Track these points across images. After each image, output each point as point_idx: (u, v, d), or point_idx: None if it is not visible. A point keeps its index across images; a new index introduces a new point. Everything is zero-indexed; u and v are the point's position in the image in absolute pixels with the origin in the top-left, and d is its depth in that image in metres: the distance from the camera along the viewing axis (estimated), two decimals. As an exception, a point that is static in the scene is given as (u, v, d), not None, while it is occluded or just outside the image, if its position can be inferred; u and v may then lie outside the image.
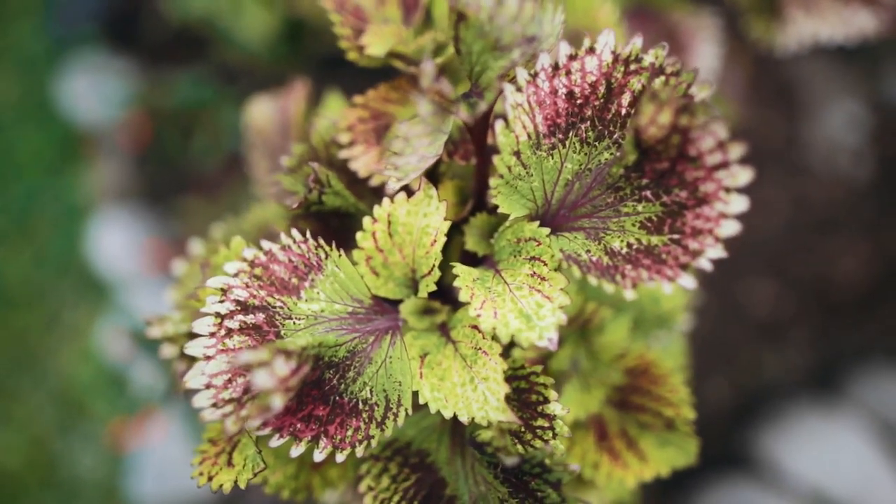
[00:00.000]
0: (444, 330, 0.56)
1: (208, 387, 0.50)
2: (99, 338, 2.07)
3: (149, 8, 2.43)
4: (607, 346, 0.70)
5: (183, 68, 2.42)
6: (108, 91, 2.27)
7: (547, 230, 0.52)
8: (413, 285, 0.57)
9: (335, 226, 0.64)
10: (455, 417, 0.53)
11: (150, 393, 1.77)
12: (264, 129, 0.87)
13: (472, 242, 0.57)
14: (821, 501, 1.74)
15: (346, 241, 0.64)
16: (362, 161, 0.61)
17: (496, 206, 0.59)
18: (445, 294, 0.60)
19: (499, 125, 0.48)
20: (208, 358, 0.51)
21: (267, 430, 0.50)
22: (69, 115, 2.39)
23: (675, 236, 0.49)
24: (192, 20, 2.14)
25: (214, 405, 0.49)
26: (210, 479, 0.54)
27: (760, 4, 0.92)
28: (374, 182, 0.61)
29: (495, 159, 0.49)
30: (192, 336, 0.63)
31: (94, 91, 2.33)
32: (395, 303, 0.57)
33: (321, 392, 0.52)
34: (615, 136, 0.51)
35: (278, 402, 0.44)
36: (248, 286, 0.53)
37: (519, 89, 0.49)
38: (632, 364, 0.72)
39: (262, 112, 0.86)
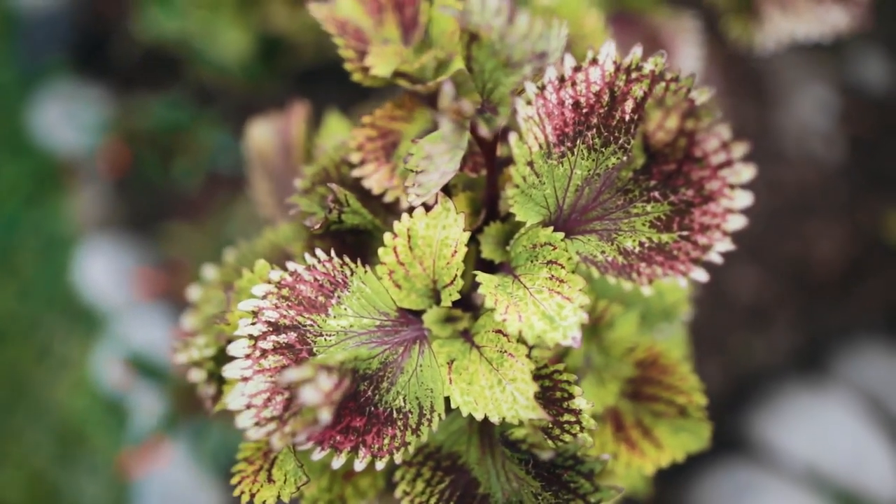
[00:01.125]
0: (467, 336, 0.59)
1: (249, 407, 0.52)
2: (94, 367, 2.06)
3: (119, 31, 2.42)
4: (618, 341, 0.72)
5: (157, 91, 2.42)
6: (83, 119, 2.27)
7: (561, 235, 0.55)
8: (435, 295, 0.59)
9: (351, 242, 0.66)
10: (483, 419, 0.55)
11: (151, 419, 1.77)
12: (265, 152, 0.88)
13: (487, 251, 0.59)
14: (815, 477, 1.78)
15: (363, 257, 0.66)
16: (375, 178, 0.63)
17: (507, 215, 0.62)
18: (464, 302, 0.63)
19: (513, 138, 0.51)
20: (246, 379, 0.53)
21: (309, 445, 0.52)
22: (44, 144, 2.38)
23: (685, 233, 0.52)
24: (166, 41, 2.14)
25: (257, 424, 0.51)
26: (252, 496, 0.55)
27: (738, 5, 0.96)
28: (388, 198, 0.63)
29: (511, 170, 0.51)
30: (226, 359, 0.65)
31: (68, 119, 2.32)
32: (418, 313, 0.59)
33: (357, 404, 0.54)
34: (620, 142, 0.54)
35: (326, 415, 0.46)
36: (277, 307, 0.55)
37: (529, 102, 0.51)
38: (641, 356, 0.75)
39: (262, 135, 0.88)
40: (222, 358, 0.67)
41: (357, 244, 0.66)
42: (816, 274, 2.16)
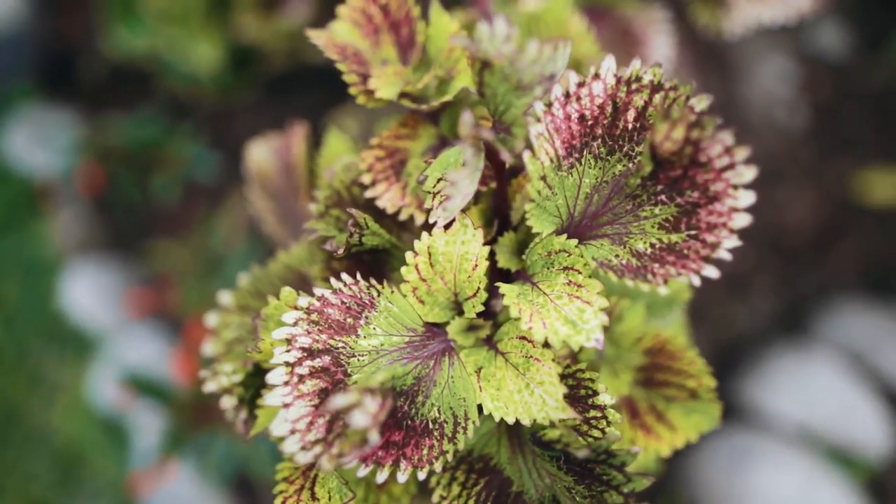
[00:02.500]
0: (490, 343, 0.61)
1: (293, 432, 0.54)
2: (89, 390, 2.06)
3: (86, 51, 2.39)
4: (627, 333, 0.76)
5: (128, 108, 2.40)
6: (55, 141, 2.24)
7: (574, 241, 0.58)
8: (456, 307, 0.62)
9: (368, 261, 0.68)
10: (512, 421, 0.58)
11: (154, 437, 1.77)
12: (265, 172, 0.90)
13: (503, 260, 0.62)
14: (806, 435, 1.85)
15: (381, 275, 0.68)
16: (387, 198, 0.65)
17: (519, 224, 0.64)
18: (483, 310, 0.65)
19: (526, 155, 0.54)
20: (287, 405, 0.55)
21: (355, 462, 0.55)
22: (17, 169, 2.34)
23: (693, 232, 0.55)
24: (136, 58, 2.12)
25: (303, 448, 0.53)
26: (300, 515, 0.58)
27: (705, -7, 1.00)
28: (403, 216, 0.65)
29: (528, 186, 0.54)
30: (254, 383, 0.67)
31: (39, 143, 2.29)
32: (442, 325, 0.62)
33: (395, 419, 0.56)
34: (625, 149, 0.57)
35: (375, 436, 0.48)
36: (309, 332, 0.57)
37: (538, 120, 0.54)
38: (649, 345, 0.78)
39: (261, 155, 0.89)
40: (250, 382, 0.69)
41: (373, 263, 0.68)
42: (791, 239, 2.22)
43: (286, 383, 0.55)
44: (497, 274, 0.64)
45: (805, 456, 1.82)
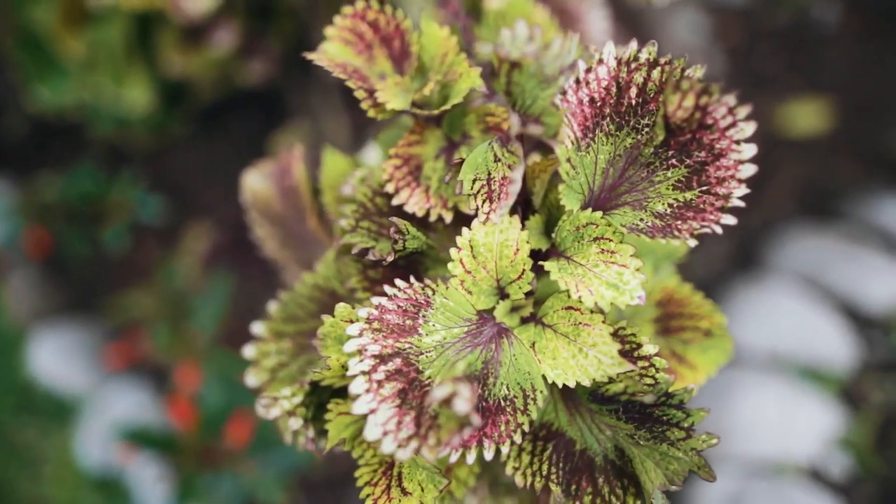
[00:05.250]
0: (534, 320, 0.66)
1: (385, 433, 0.58)
2: (78, 454, 2.01)
3: (5, 111, 2.31)
4: (641, 289, 0.82)
5: (61, 163, 2.34)
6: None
7: (599, 213, 0.63)
8: (499, 292, 0.67)
9: (403, 265, 0.72)
10: (563, 386, 0.63)
11: (160, 486, 1.76)
12: (264, 198, 0.92)
13: (534, 241, 0.67)
14: (778, 360, 1.98)
15: (417, 276, 0.72)
16: (413, 202, 0.69)
17: (539, 208, 0.69)
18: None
19: (556, 141, 0.59)
20: (373, 411, 0.58)
21: (446, 450, 0.59)
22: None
23: (704, 188, 0.62)
24: (62, 111, 2.07)
25: (399, 446, 0.57)
26: (397, 511, 0.61)
27: (635, -32, 1.06)
28: (432, 217, 0.69)
29: (559, 169, 0.59)
30: (312, 402, 0.70)
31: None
32: (489, 311, 0.67)
33: (472, 403, 0.61)
34: (631, 124, 0.63)
35: (477, 419, 0.53)
36: (375, 340, 0.61)
37: (558, 108, 0.59)
38: (658, 298, 0.85)
39: (258, 182, 0.91)
40: (308, 402, 0.72)
41: (408, 266, 0.72)
42: (729, 181, 2.34)
43: (368, 391, 0.59)
44: (530, 255, 0.69)
45: (780, 380, 1.95)
